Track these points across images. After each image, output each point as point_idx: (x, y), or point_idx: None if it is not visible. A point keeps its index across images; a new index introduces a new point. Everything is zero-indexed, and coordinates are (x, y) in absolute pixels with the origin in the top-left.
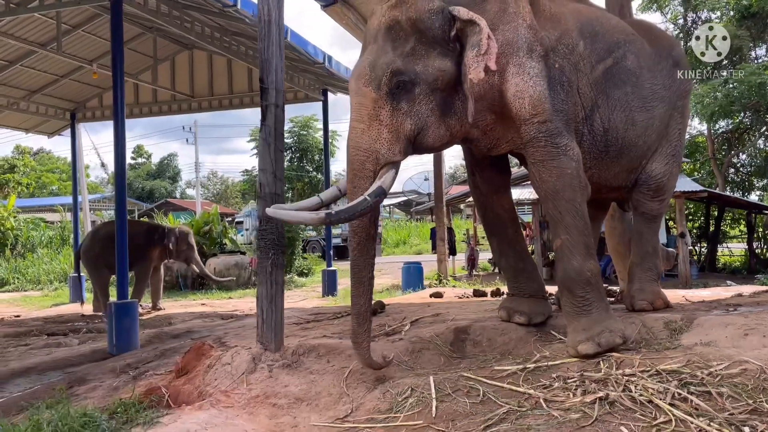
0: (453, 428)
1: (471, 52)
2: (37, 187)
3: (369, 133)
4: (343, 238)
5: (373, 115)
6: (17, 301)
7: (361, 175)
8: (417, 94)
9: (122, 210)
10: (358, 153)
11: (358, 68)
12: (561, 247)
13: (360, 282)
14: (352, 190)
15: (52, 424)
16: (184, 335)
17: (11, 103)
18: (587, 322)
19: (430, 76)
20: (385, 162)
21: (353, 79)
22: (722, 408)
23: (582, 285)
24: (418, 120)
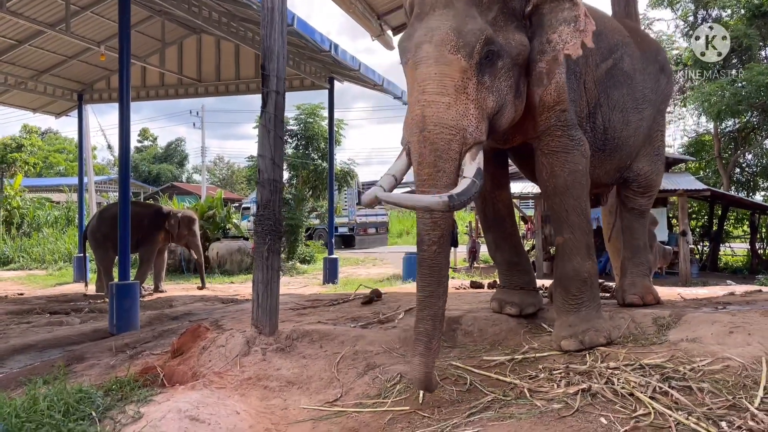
0: (438, 415)
1: (566, 27)
2: (44, 167)
3: (456, 108)
4: (349, 227)
5: (460, 87)
6: (21, 280)
7: (447, 157)
8: (499, 68)
9: (125, 191)
10: (443, 131)
11: (435, 33)
12: (563, 245)
13: (440, 282)
14: (434, 175)
15: (48, 399)
16: (183, 317)
17: (19, 83)
18: (575, 319)
19: (514, 50)
20: (474, 141)
21: (430, 46)
22: (701, 403)
23: (578, 284)
24: (499, 97)
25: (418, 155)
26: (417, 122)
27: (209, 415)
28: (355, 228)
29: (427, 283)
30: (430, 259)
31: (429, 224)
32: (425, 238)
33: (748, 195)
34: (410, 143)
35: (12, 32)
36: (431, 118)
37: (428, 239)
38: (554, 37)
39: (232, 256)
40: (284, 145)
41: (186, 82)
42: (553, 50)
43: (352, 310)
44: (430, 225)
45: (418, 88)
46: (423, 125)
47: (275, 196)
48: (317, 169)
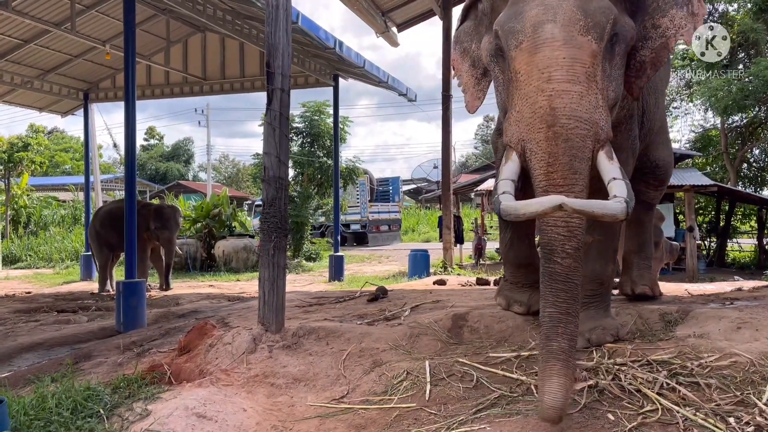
0: (445, 411)
1: (679, 12)
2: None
3: (588, 98)
4: (362, 224)
5: (591, 74)
6: (29, 278)
7: (582, 157)
8: (616, 54)
9: (131, 190)
10: (579, 125)
11: (557, 12)
12: (592, 245)
13: (575, 299)
14: (570, 178)
15: (56, 396)
16: (190, 315)
17: (25, 82)
18: (583, 317)
19: (628, 34)
20: (606, 138)
21: (554, 26)
22: (709, 399)
23: (594, 285)
24: (617, 87)
25: (548, 155)
26: (543, 115)
27: (216, 412)
28: (367, 225)
29: (563, 299)
30: (565, 273)
31: (564, 234)
32: (559, 250)
33: (756, 190)
34: (531, 142)
35: (18, 32)
36: (563, 110)
37: (563, 251)
38: (664, 21)
39: (237, 254)
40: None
41: (191, 81)
42: (661, 37)
43: (358, 308)
44: (566, 234)
45: (541, 76)
46: (553, 119)
47: (281, 194)
48: (323, 167)
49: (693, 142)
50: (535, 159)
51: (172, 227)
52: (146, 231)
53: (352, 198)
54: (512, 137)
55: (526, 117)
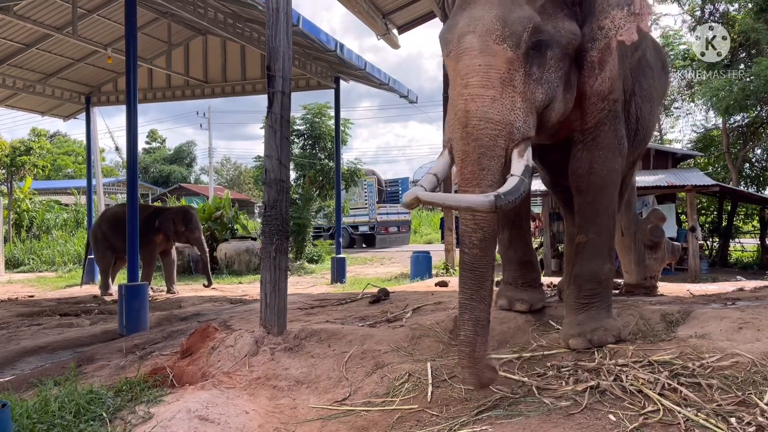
0: (447, 413)
1: (619, 12)
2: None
3: (502, 101)
4: (370, 225)
5: (506, 79)
6: (32, 282)
7: (492, 154)
8: (548, 59)
9: (133, 193)
10: (488, 126)
11: (478, 23)
12: (586, 244)
13: (481, 286)
14: (477, 173)
15: (59, 400)
16: (192, 318)
17: (27, 86)
18: (584, 318)
19: (563, 39)
20: (521, 137)
21: (473, 37)
22: (711, 399)
23: (593, 285)
24: (549, 89)
25: (462, 153)
26: (460, 118)
27: (219, 414)
28: (375, 227)
29: (468, 286)
30: (471, 262)
31: (471, 226)
32: (466, 241)
33: (758, 190)
34: (453, 140)
35: (20, 36)
36: (475, 112)
37: (469, 242)
38: (606, 23)
39: (240, 257)
40: (291, 145)
41: (192, 84)
42: (605, 37)
43: (360, 309)
44: (473, 227)
45: (461, 82)
46: (466, 121)
47: (282, 196)
48: (324, 169)
49: (695, 142)
50: (455, 155)
51: (200, 226)
52: (173, 234)
53: (360, 199)
54: (445, 136)
55: (450, 118)
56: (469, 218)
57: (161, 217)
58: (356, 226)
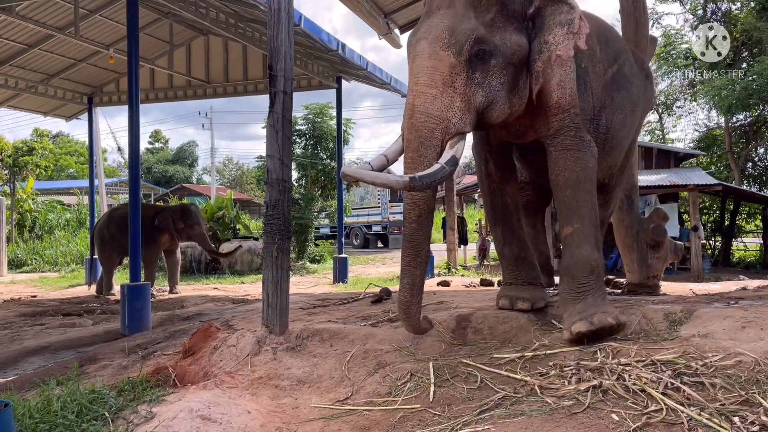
0: (449, 412)
1: (560, 30)
2: (55, 170)
3: (441, 99)
4: (382, 225)
5: (447, 81)
6: (34, 282)
7: (429, 144)
8: (492, 66)
9: (136, 193)
10: (428, 120)
11: (431, 31)
12: (571, 235)
13: (417, 254)
14: (416, 159)
15: (61, 399)
16: (195, 318)
17: (30, 87)
18: (582, 306)
19: (508, 50)
20: (456, 132)
21: (426, 42)
22: (714, 398)
23: (586, 272)
24: (489, 92)
25: (406, 140)
26: (407, 110)
27: (221, 414)
28: (387, 226)
29: (407, 254)
30: (409, 234)
31: (410, 204)
32: (406, 216)
33: (761, 189)
34: (403, 129)
35: (22, 36)
36: (419, 107)
37: (408, 217)
38: (549, 38)
39: (242, 257)
40: (293, 144)
41: (194, 84)
42: (547, 51)
43: (362, 309)
44: (411, 204)
45: (413, 80)
46: (411, 113)
47: (284, 196)
48: (326, 169)
49: (697, 141)
50: (403, 143)
51: (201, 221)
52: (174, 232)
53: (373, 198)
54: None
55: (404, 110)
56: (409, 198)
57: (160, 216)
58: (370, 225)
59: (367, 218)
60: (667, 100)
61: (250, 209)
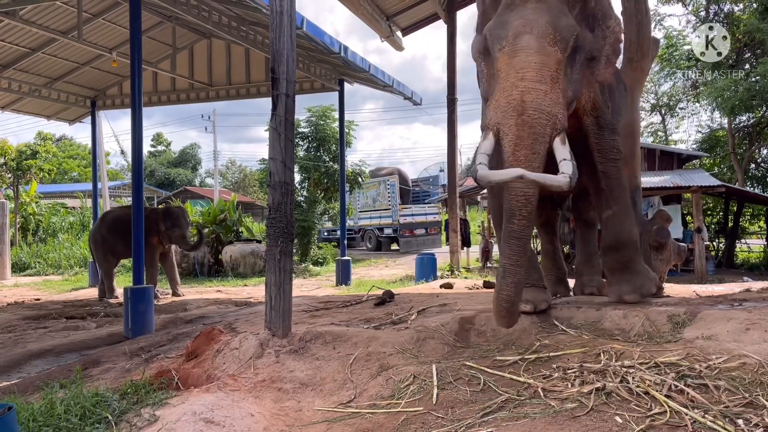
0: (452, 415)
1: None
2: (58, 173)
3: (551, 95)
4: (393, 228)
5: (555, 77)
6: (38, 285)
7: (542, 140)
8: (577, 62)
9: (138, 196)
10: (541, 116)
11: (533, 26)
12: (613, 216)
13: (524, 252)
14: (529, 156)
15: (65, 403)
16: (198, 320)
17: (33, 90)
18: (630, 276)
19: (586, 45)
20: (562, 128)
21: (531, 37)
22: (718, 401)
23: (632, 246)
24: (575, 88)
25: (516, 137)
26: (515, 106)
27: (224, 417)
28: (398, 229)
29: (514, 252)
30: (519, 231)
31: (522, 201)
32: (516, 213)
33: (764, 190)
34: (504, 125)
35: (25, 40)
36: (530, 103)
37: (519, 213)
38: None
39: (245, 259)
40: (295, 147)
41: (197, 87)
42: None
43: (365, 312)
44: (523, 202)
45: (516, 75)
46: (522, 110)
47: (287, 199)
48: (329, 171)
49: (700, 142)
50: (506, 139)
51: (182, 225)
52: (157, 234)
53: (384, 200)
54: (491, 120)
55: (502, 105)
56: (521, 195)
57: (146, 219)
58: (381, 228)
59: (379, 220)
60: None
61: (253, 212)
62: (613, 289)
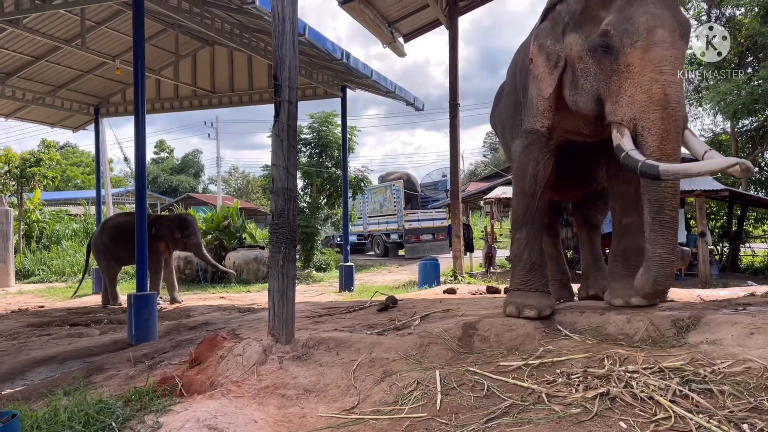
0: (456, 421)
1: None
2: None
3: (682, 89)
4: (399, 233)
5: (682, 71)
6: (42, 292)
7: (681, 132)
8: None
9: (142, 203)
10: (681, 110)
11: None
12: (633, 224)
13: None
14: (676, 149)
15: (68, 410)
16: (201, 327)
17: (37, 98)
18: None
19: None
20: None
21: (665, 31)
22: (722, 405)
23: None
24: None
25: (662, 131)
26: (659, 100)
27: (227, 424)
28: (403, 234)
29: (671, 242)
30: (671, 220)
31: (673, 192)
32: (667, 204)
33: None
34: (645, 120)
35: (29, 49)
36: (673, 96)
37: (670, 204)
38: None
39: (248, 266)
40: (298, 153)
41: (200, 94)
42: None
43: (368, 317)
44: (673, 192)
45: (654, 69)
46: (666, 103)
47: (290, 205)
48: (331, 177)
49: None
50: (648, 134)
51: (197, 232)
52: (170, 242)
53: (390, 205)
54: (625, 116)
55: (640, 100)
56: (671, 186)
57: (158, 225)
58: (388, 233)
59: (386, 226)
60: None
61: (255, 218)
62: (619, 293)
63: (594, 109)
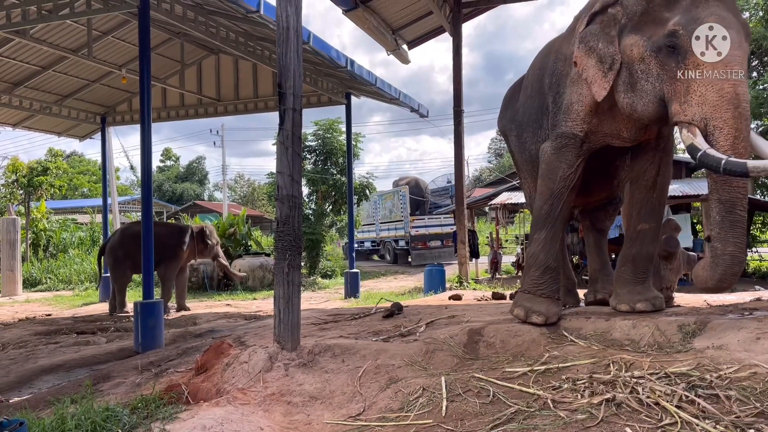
0: (462, 427)
1: None
2: (68, 188)
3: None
4: (405, 240)
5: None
6: (49, 301)
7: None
8: None
9: (148, 211)
10: (748, 108)
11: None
12: (649, 230)
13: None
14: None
15: (75, 418)
16: (207, 334)
17: (44, 108)
18: (642, 288)
19: None
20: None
21: (734, 33)
22: (729, 411)
23: (649, 263)
24: None
25: (735, 130)
26: (731, 99)
27: (234, 431)
28: (409, 241)
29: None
30: (742, 219)
31: (743, 192)
32: (739, 204)
33: None
34: (716, 119)
35: (36, 59)
36: (744, 96)
37: (741, 204)
38: None
39: (254, 273)
40: (303, 160)
41: (205, 102)
42: None
43: (374, 324)
44: (744, 192)
45: (726, 68)
46: (738, 102)
47: (294, 212)
48: (336, 184)
49: None
50: (719, 133)
51: (212, 244)
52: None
53: (398, 211)
54: (695, 116)
55: (711, 100)
56: (743, 186)
57: (186, 234)
58: (397, 240)
59: (395, 232)
60: None
61: (261, 225)
62: (625, 299)
63: (655, 111)
